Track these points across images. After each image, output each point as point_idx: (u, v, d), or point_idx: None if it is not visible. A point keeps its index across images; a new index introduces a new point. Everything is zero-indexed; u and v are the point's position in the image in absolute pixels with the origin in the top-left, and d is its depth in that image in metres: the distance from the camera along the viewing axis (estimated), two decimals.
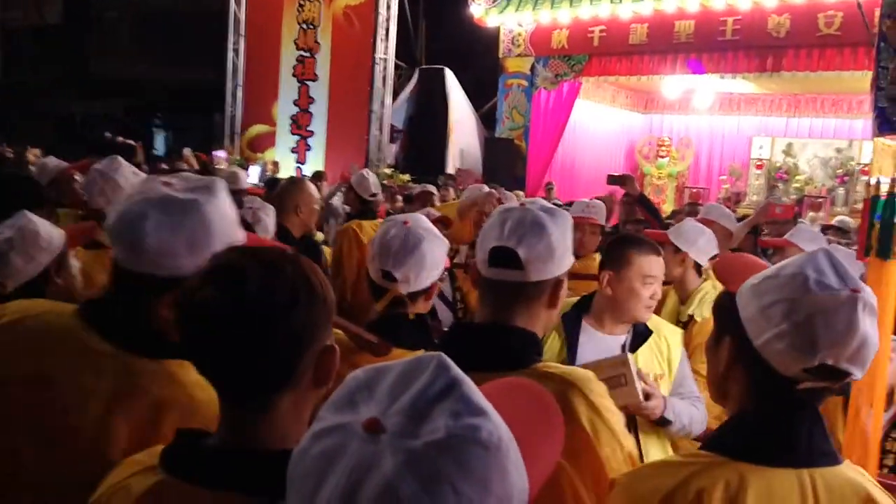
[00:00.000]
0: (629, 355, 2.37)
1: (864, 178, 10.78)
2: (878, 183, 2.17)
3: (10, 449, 1.38)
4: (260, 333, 1.04)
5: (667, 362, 2.59)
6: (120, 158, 3.13)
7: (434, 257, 2.05)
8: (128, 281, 1.38)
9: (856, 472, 1.28)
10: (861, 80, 9.17)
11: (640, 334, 2.61)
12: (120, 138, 8.88)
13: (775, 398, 1.28)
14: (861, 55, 9.64)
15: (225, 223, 1.40)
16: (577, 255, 4.54)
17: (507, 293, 1.61)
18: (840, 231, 6.87)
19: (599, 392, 1.53)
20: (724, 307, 1.38)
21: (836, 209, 12.68)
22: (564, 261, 1.64)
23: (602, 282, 2.56)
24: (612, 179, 5.55)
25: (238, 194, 5.59)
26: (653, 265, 2.59)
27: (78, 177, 5.15)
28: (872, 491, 1.25)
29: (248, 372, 1.06)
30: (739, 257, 1.66)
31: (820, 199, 12.47)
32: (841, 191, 13.28)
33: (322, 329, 1.10)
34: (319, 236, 5.72)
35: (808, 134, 14.31)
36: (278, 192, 4.07)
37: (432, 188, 6.89)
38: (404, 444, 0.67)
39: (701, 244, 3.41)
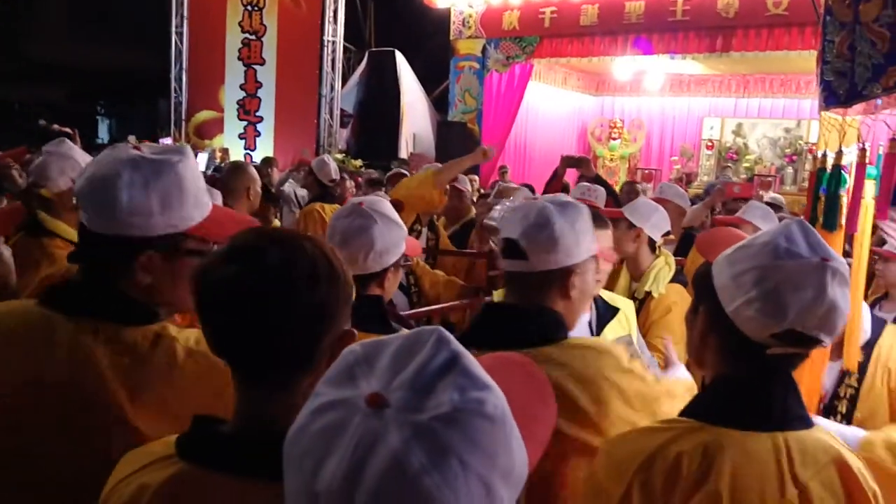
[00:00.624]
0: (632, 336, 2.48)
1: (812, 156, 10.97)
2: (825, 156, 2.16)
3: (39, 452, 1.32)
4: (281, 309, 1.02)
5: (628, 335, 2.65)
6: (67, 140, 3.07)
7: (385, 242, 2.02)
8: (98, 245, 1.35)
9: (827, 435, 1.32)
10: (809, 59, 9.24)
11: (603, 311, 2.65)
12: (55, 126, 8.63)
13: (748, 364, 1.32)
14: (808, 35, 9.76)
15: (196, 183, 1.40)
16: None
17: (518, 283, 1.72)
18: (774, 206, 6.99)
19: (622, 355, 1.63)
20: (702, 277, 1.42)
21: (785, 188, 12.89)
22: (574, 251, 1.68)
23: None
24: (569, 161, 5.49)
25: None
26: (601, 238, 2.63)
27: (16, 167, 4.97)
28: (843, 452, 1.29)
29: (268, 350, 1.04)
30: (719, 230, 1.71)
31: (769, 179, 12.64)
32: (790, 170, 13.52)
33: (342, 310, 1.09)
34: (276, 223, 5.59)
35: (757, 114, 14.52)
36: (224, 176, 3.98)
37: (406, 172, 6.77)
38: (410, 418, 0.67)
39: (655, 220, 3.39)
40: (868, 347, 2.64)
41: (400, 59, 14.83)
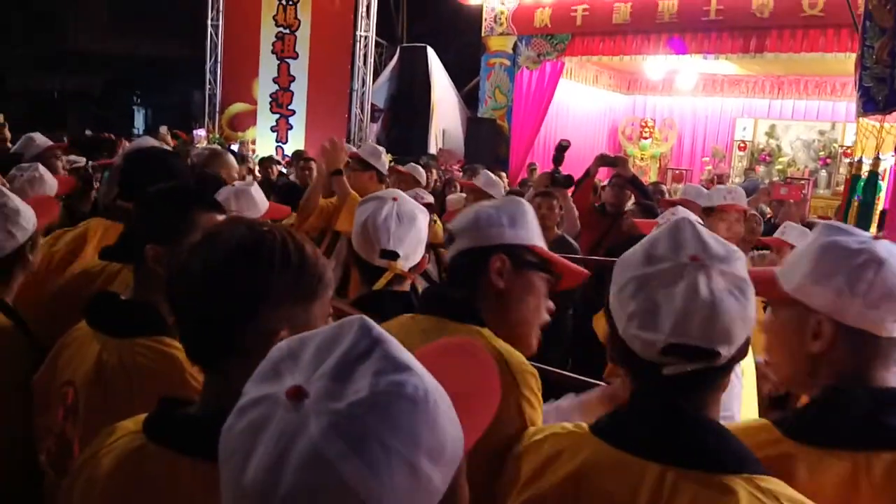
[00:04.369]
0: None
1: (847, 160, 10.79)
2: (861, 162, 2.15)
3: None
4: (195, 294, 1.06)
5: None
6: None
7: (425, 231, 2.08)
8: (463, 258, 1.58)
9: (747, 489, 1.04)
10: (844, 62, 9.16)
11: None
12: (104, 134, 8.85)
13: (649, 387, 1.16)
14: (844, 37, 9.62)
15: (534, 216, 1.64)
16: None
17: None
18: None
19: None
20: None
21: (818, 191, 12.74)
22: None
23: None
24: (605, 160, 5.47)
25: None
26: None
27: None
28: None
29: (194, 335, 1.09)
30: None
31: (802, 181, 12.50)
32: (823, 173, 13.35)
33: (275, 305, 1.06)
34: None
35: (791, 116, 14.35)
36: (201, 164, 3.86)
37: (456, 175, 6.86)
38: (328, 406, 0.66)
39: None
40: None
41: (431, 54, 14.85)
